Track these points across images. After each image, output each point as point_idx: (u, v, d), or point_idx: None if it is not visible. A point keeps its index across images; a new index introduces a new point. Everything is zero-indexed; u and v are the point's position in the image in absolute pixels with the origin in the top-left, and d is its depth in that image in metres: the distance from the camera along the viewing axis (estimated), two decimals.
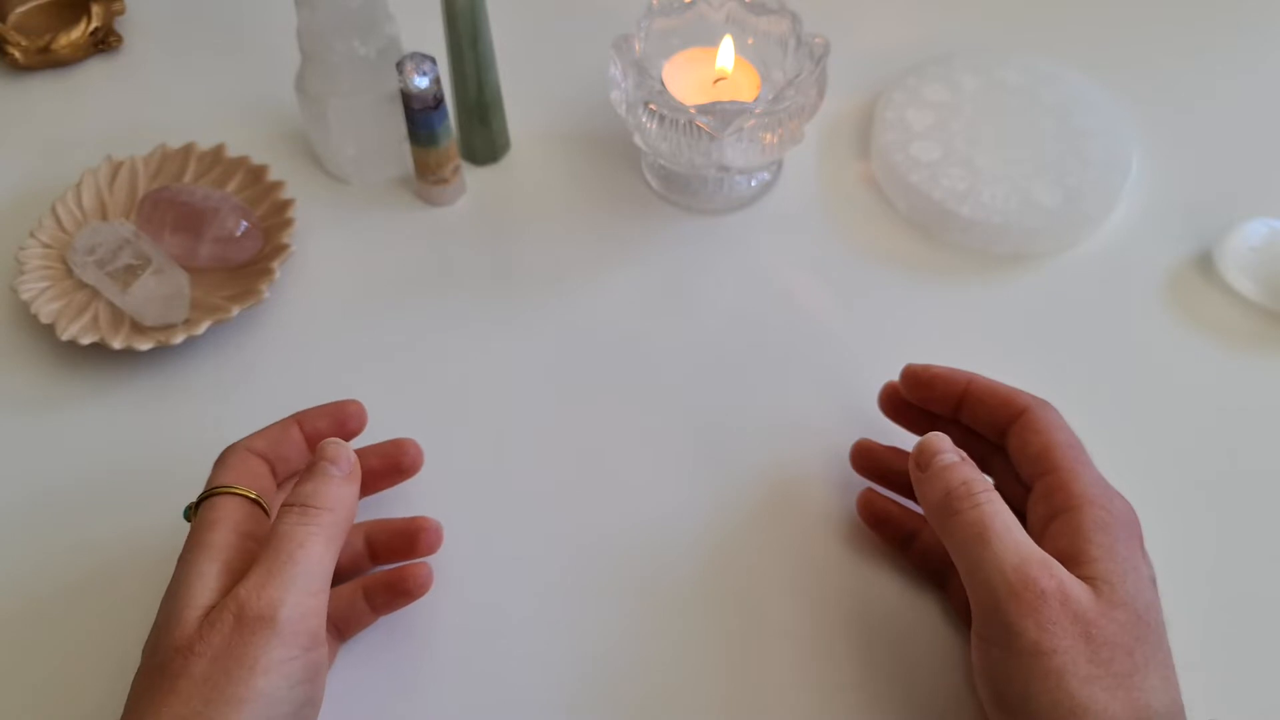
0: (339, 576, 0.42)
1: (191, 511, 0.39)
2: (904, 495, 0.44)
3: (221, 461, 0.40)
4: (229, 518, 0.37)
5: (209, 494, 0.38)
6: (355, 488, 0.38)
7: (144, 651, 0.35)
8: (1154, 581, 0.36)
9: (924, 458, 0.39)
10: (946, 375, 0.42)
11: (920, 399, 0.43)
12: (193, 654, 0.33)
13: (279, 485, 0.41)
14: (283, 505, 0.36)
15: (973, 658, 0.36)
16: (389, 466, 0.43)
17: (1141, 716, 0.33)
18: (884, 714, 0.40)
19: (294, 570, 0.34)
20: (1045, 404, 0.40)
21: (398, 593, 0.41)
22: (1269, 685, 0.41)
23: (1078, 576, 0.35)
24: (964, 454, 0.39)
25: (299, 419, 0.42)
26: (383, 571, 0.41)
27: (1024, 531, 0.36)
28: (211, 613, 0.34)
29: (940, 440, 0.39)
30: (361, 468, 0.42)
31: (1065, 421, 0.40)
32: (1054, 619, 0.33)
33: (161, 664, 0.33)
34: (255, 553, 0.36)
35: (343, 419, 0.43)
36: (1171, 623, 0.36)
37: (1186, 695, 0.34)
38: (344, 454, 0.38)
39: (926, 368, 0.43)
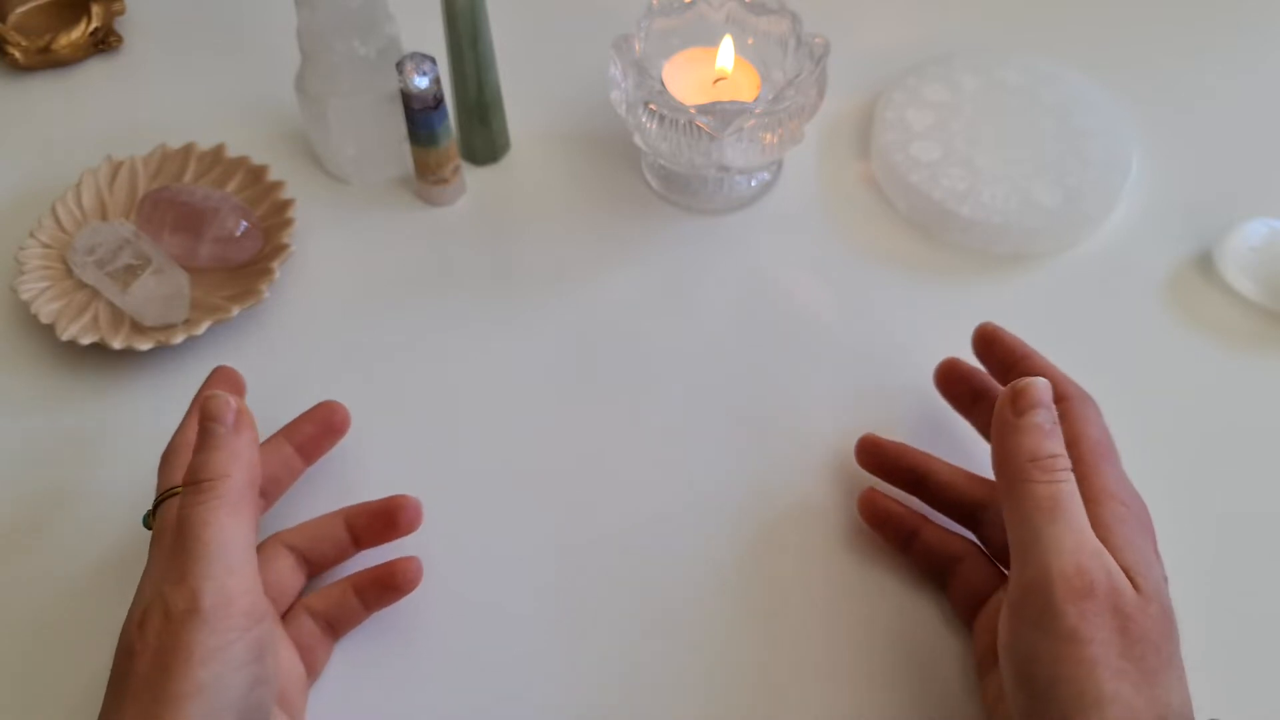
0: (325, 567, 0.42)
1: (149, 518, 0.39)
2: (907, 491, 0.44)
3: (166, 464, 0.40)
4: None
5: (163, 498, 0.39)
6: (249, 435, 0.37)
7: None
8: (1166, 582, 0.36)
9: (1023, 402, 0.37)
10: (1009, 341, 0.43)
11: (982, 356, 0.44)
12: (135, 655, 0.33)
13: None
14: (182, 485, 0.36)
15: (1001, 632, 0.36)
16: (324, 429, 0.44)
17: (1161, 714, 0.32)
18: (883, 714, 0.40)
19: (204, 553, 0.34)
20: (1086, 397, 0.40)
21: (387, 588, 0.41)
22: (1270, 686, 0.41)
23: None
24: (1057, 418, 0.38)
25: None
26: (371, 568, 0.41)
27: (1089, 523, 0.35)
28: (144, 612, 0.34)
29: (1045, 392, 0.38)
30: (300, 437, 0.43)
31: (1101, 418, 0.40)
32: (1097, 610, 0.33)
33: (118, 666, 0.34)
34: None
35: (230, 383, 0.44)
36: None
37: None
38: (225, 405, 0.37)
39: (997, 328, 0.44)
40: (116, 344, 0.48)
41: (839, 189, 0.56)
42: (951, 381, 0.45)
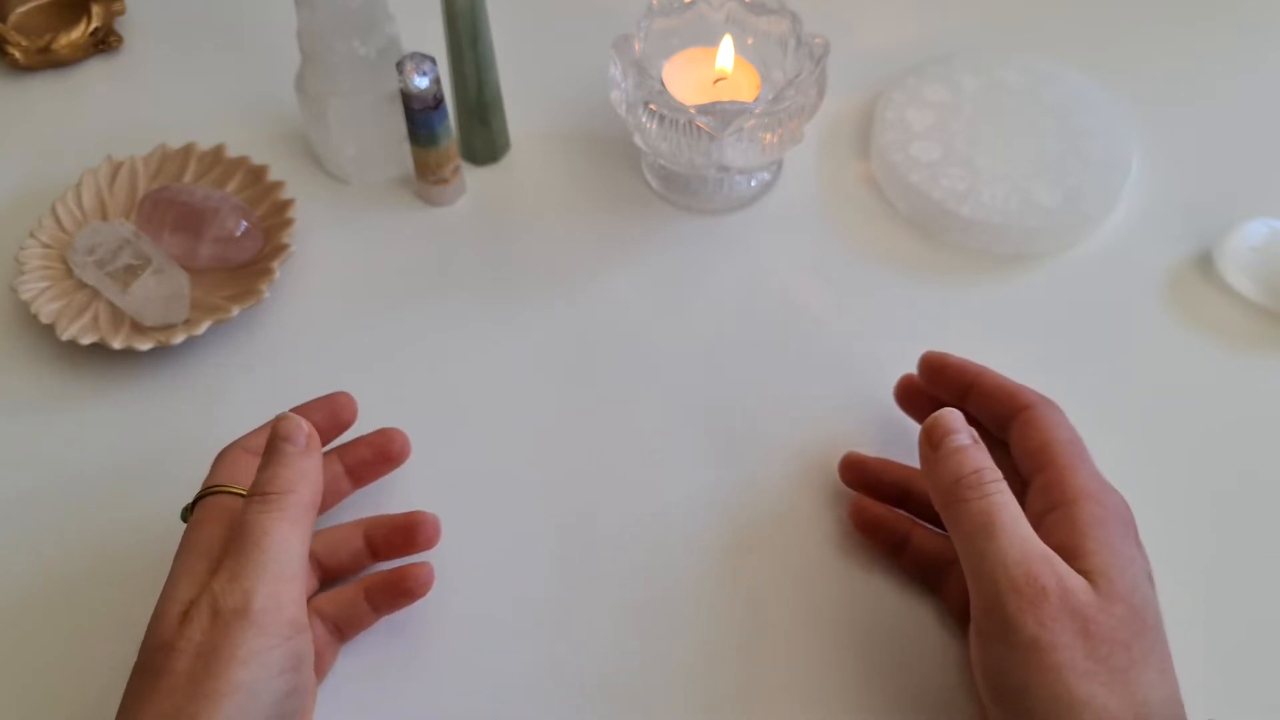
0: (339, 575, 0.42)
1: (187, 513, 0.39)
2: (894, 506, 0.44)
3: (218, 462, 0.40)
4: (221, 517, 0.37)
5: (204, 494, 0.39)
6: (315, 459, 0.38)
7: (140, 649, 0.35)
8: (1150, 576, 0.36)
9: (936, 434, 0.38)
10: (958, 364, 0.43)
11: (932, 384, 0.44)
12: (174, 650, 0.33)
13: None
14: (247, 495, 0.36)
15: (971, 650, 0.36)
16: (379, 455, 0.43)
17: (1139, 712, 0.33)
18: (880, 717, 0.40)
19: (262, 558, 0.34)
20: (1049, 402, 0.40)
21: (399, 593, 0.41)
22: (1268, 685, 0.41)
23: (1075, 570, 0.35)
24: (976, 434, 0.38)
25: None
26: (383, 571, 0.41)
27: (1029, 526, 0.36)
28: (190, 609, 0.34)
29: (954, 418, 0.38)
30: (352, 459, 0.43)
31: (1067, 420, 0.40)
32: (1054, 615, 0.33)
33: (148, 661, 0.34)
34: None
35: (335, 410, 0.43)
36: (1170, 622, 0.36)
37: (1186, 695, 0.34)
38: (297, 428, 0.38)
39: (942, 355, 0.44)
40: (116, 344, 0.48)
41: (839, 189, 0.56)
42: (912, 399, 0.45)
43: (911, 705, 0.40)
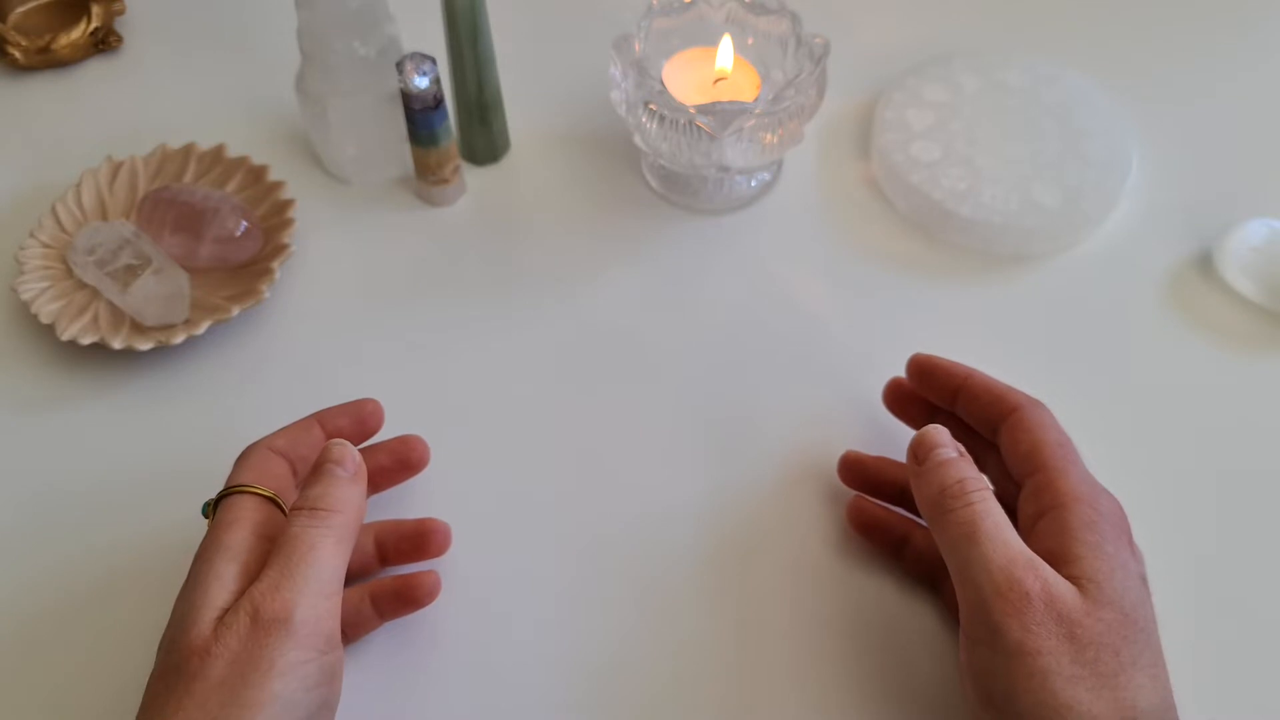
0: (347, 578, 0.42)
1: (209, 509, 0.39)
2: (892, 504, 0.44)
3: (242, 460, 0.40)
4: (247, 518, 0.37)
5: (228, 492, 0.38)
6: (362, 488, 0.38)
7: (159, 651, 0.35)
8: (1144, 579, 0.36)
9: (922, 451, 0.39)
10: (947, 367, 0.43)
11: (921, 387, 0.44)
12: (209, 656, 0.33)
13: (299, 485, 0.41)
14: (292, 507, 0.36)
15: (960, 656, 0.36)
16: (397, 463, 0.43)
17: (1127, 716, 0.33)
18: (880, 717, 0.40)
19: (307, 572, 0.34)
20: (1037, 404, 0.40)
21: (405, 601, 0.41)
22: (1266, 687, 0.41)
23: (1065, 575, 0.35)
24: (962, 448, 0.39)
25: (319, 418, 0.42)
26: (390, 578, 0.41)
27: (1014, 531, 0.36)
28: (227, 615, 0.34)
29: (939, 434, 0.39)
30: (370, 465, 0.43)
31: (1056, 421, 0.40)
32: (1038, 620, 0.33)
33: (177, 665, 0.33)
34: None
35: (362, 417, 0.43)
36: (1168, 623, 0.36)
37: (1183, 697, 0.34)
38: (349, 455, 0.38)
39: (930, 357, 0.44)
40: (116, 344, 0.48)
41: (839, 189, 0.56)
42: (901, 402, 0.45)
43: (912, 705, 0.40)
